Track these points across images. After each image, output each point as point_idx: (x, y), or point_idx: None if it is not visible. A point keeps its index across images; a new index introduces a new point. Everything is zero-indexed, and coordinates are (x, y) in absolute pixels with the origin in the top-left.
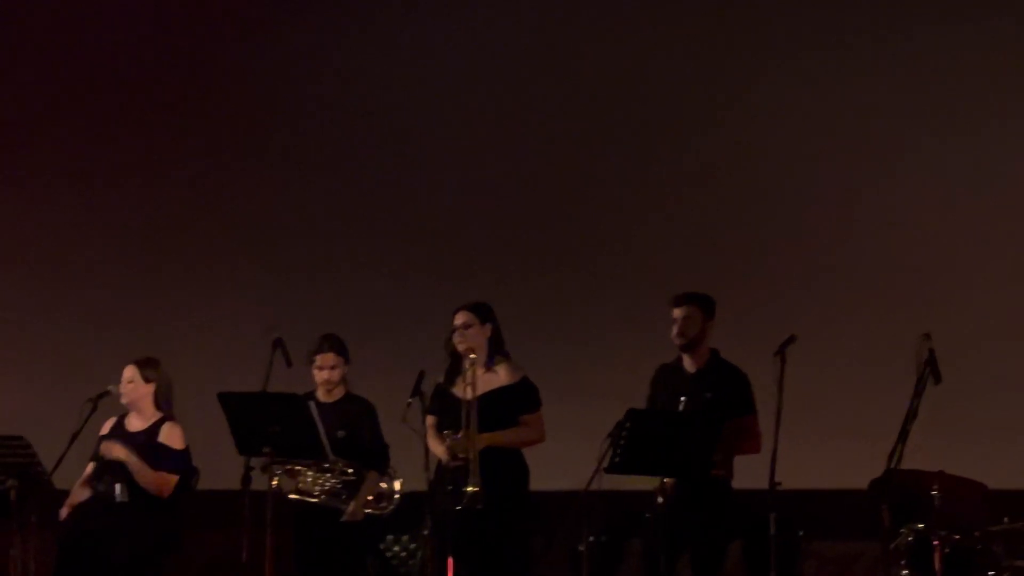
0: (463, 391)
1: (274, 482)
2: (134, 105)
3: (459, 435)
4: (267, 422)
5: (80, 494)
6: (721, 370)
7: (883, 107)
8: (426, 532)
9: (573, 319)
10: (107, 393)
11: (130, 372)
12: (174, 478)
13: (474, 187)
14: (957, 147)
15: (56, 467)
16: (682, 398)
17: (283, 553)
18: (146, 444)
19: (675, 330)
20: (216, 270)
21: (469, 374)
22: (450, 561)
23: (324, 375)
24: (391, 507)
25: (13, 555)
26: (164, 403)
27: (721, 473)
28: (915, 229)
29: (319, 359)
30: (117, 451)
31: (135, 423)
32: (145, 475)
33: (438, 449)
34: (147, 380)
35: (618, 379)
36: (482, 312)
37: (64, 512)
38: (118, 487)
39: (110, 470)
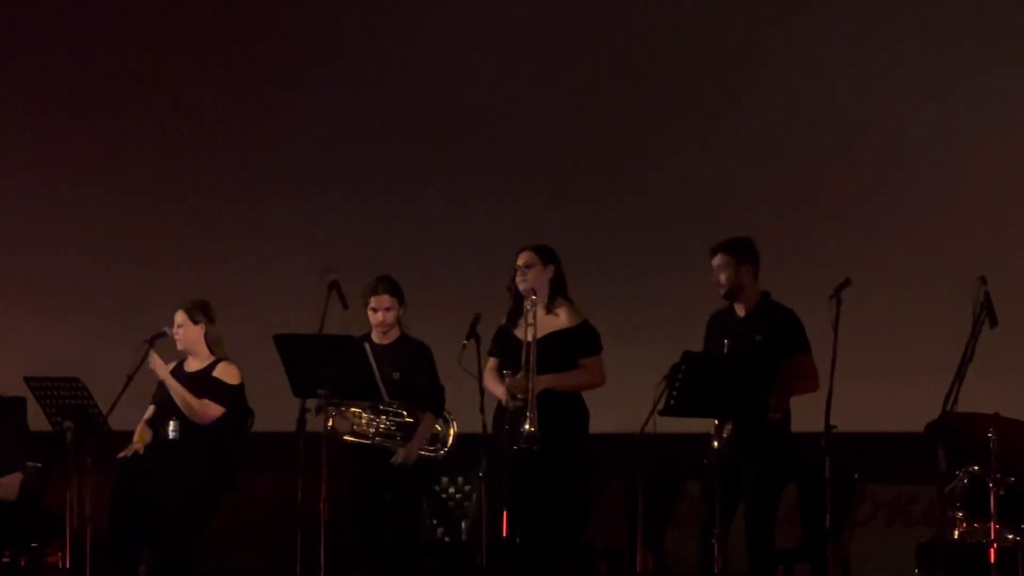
0: (524, 332)
1: (329, 424)
2: (186, 46)
3: (519, 376)
4: (322, 364)
5: (141, 436)
6: (771, 312)
7: (937, 37)
8: (481, 474)
9: (629, 261)
10: (163, 334)
11: (180, 317)
12: (218, 408)
13: (530, 128)
14: (1017, 78)
15: (112, 409)
16: (725, 341)
17: (338, 495)
18: (203, 384)
19: (713, 280)
20: (272, 212)
21: (530, 315)
22: (506, 502)
23: (379, 317)
24: (446, 449)
25: (69, 497)
26: (216, 345)
27: (777, 416)
28: (972, 169)
29: (374, 301)
30: (159, 369)
31: (192, 365)
32: (185, 398)
33: (497, 390)
34: (195, 323)
35: (674, 322)
36: (545, 253)
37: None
38: (171, 424)
39: (168, 410)
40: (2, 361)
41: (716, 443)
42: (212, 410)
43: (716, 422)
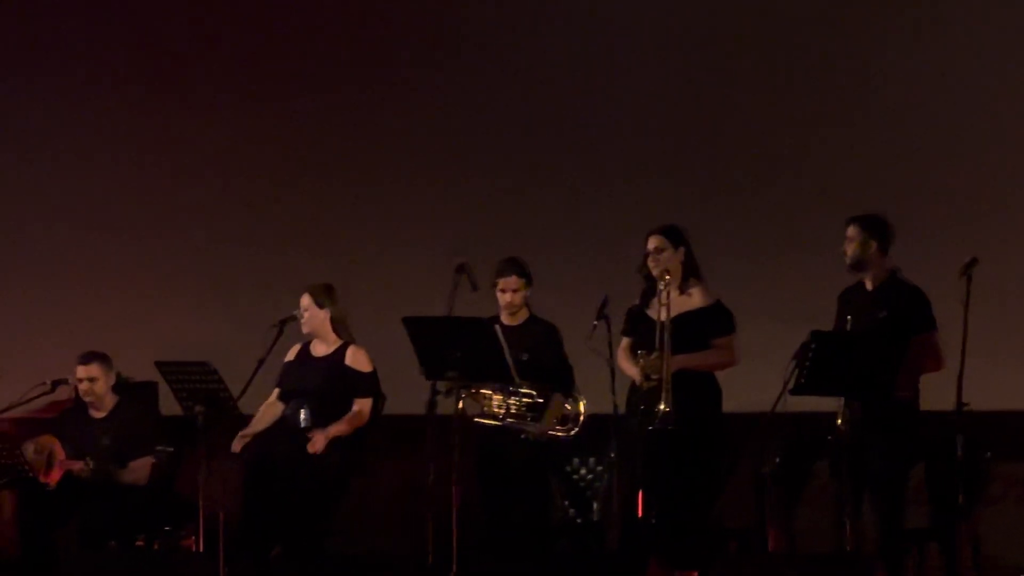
0: (657, 313)
1: (459, 406)
2: (315, 30)
3: (653, 356)
4: (452, 346)
5: (261, 418)
6: (898, 288)
7: None
8: (612, 454)
9: (761, 240)
10: (292, 318)
11: (305, 300)
12: (367, 403)
13: (658, 109)
14: None
15: (243, 393)
16: (848, 317)
17: (469, 477)
18: (333, 369)
19: (842, 250)
20: (402, 196)
21: (664, 295)
22: (641, 483)
23: (507, 298)
24: (576, 429)
25: (201, 480)
26: (342, 328)
27: (906, 394)
28: None
29: (502, 282)
30: (319, 444)
31: (319, 348)
32: (344, 428)
33: (631, 370)
34: (320, 307)
35: (806, 300)
36: (674, 236)
37: (237, 445)
38: (303, 413)
39: (296, 396)
40: (133, 346)
41: (841, 421)
42: (364, 409)
43: (842, 400)
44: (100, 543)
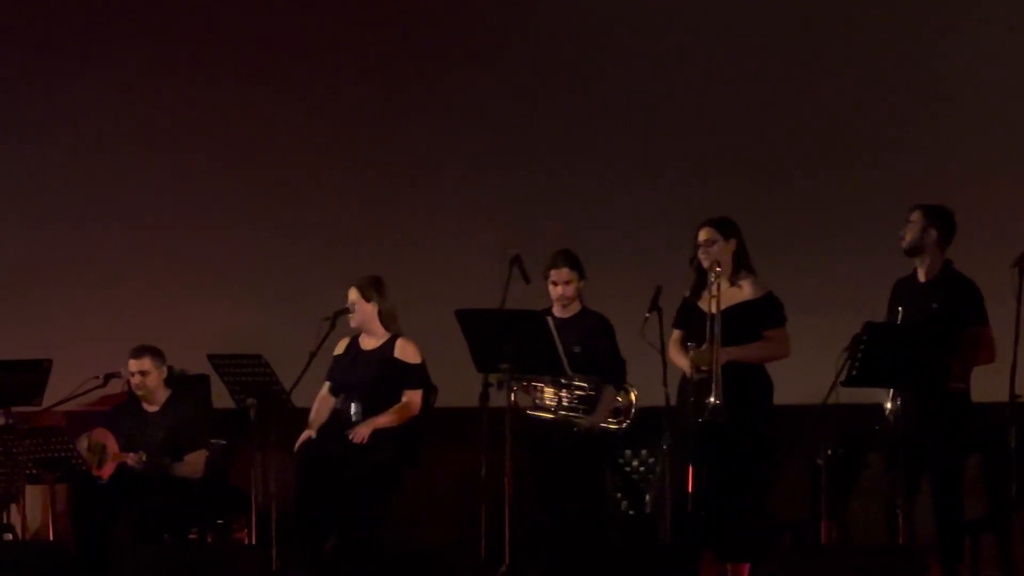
0: (708, 305)
1: (512, 398)
2: (371, 20)
3: (703, 348)
4: (505, 339)
5: (318, 415)
6: (950, 281)
7: None
8: (665, 447)
9: (811, 231)
10: (345, 311)
11: (353, 295)
12: (417, 394)
13: (710, 101)
14: None
15: (295, 386)
16: (900, 308)
17: (521, 469)
18: (382, 362)
19: (900, 234)
20: (454, 188)
21: (714, 287)
22: (691, 474)
23: (559, 290)
24: (628, 422)
25: (254, 473)
26: (390, 321)
27: (960, 386)
28: None
29: (554, 274)
30: (361, 434)
31: (368, 342)
32: (385, 421)
33: (681, 362)
34: (368, 300)
35: (859, 292)
36: (725, 228)
37: (300, 441)
38: (354, 407)
39: (346, 389)
40: (186, 339)
41: (889, 411)
42: (413, 402)
43: (891, 392)
44: (153, 536)
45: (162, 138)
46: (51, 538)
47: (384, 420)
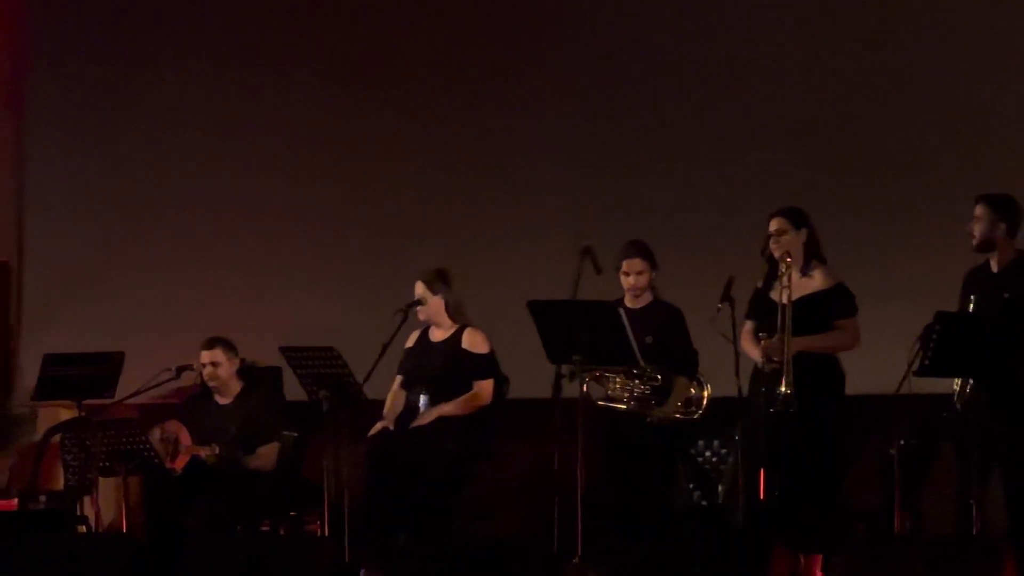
0: (779, 295)
1: (584, 389)
2: (443, 12)
3: (774, 339)
4: (577, 330)
5: (392, 408)
6: (1022, 271)
7: None
8: (737, 437)
9: (883, 220)
10: (417, 304)
11: (419, 289)
12: (486, 384)
13: (782, 90)
14: None
15: (367, 378)
16: (971, 297)
17: (594, 461)
18: (450, 353)
19: (968, 230)
20: (525, 179)
21: (785, 278)
22: (764, 465)
23: (631, 281)
24: (700, 412)
25: (326, 466)
26: (458, 312)
27: None
28: None
29: (626, 265)
30: (426, 418)
31: (436, 334)
32: (456, 408)
33: (753, 352)
34: (435, 293)
35: (930, 281)
36: (797, 217)
37: (375, 429)
38: (423, 399)
39: (416, 382)
40: (257, 332)
41: (957, 400)
42: (482, 391)
43: (959, 381)
44: (226, 528)
45: (236, 129)
46: (124, 530)
47: (450, 408)
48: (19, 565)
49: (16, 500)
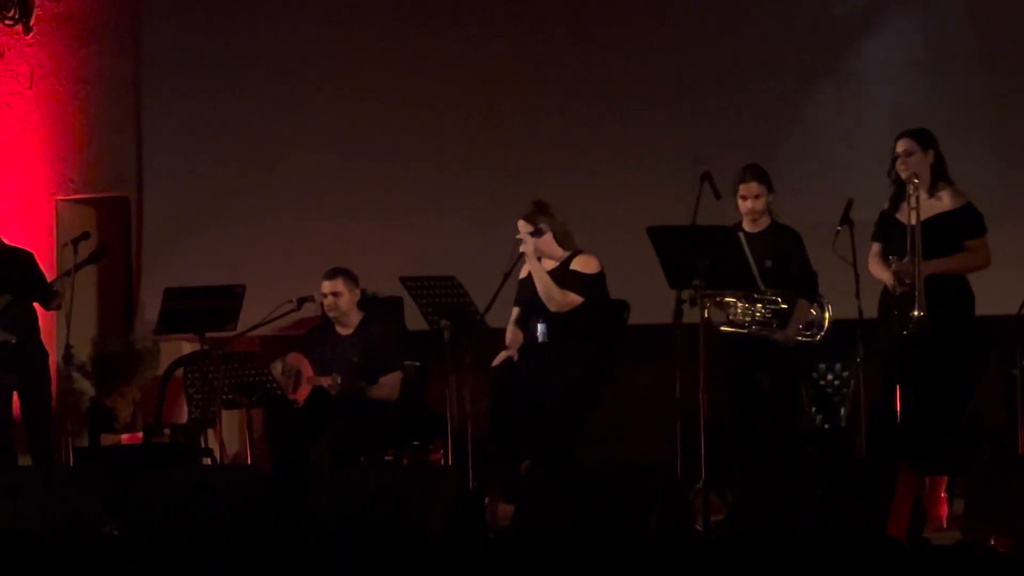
0: (907, 217)
1: (705, 314)
2: None
3: (904, 261)
4: (697, 255)
5: (515, 338)
6: None
7: None
8: (859, 359)
9: (1009, 142)
10: (539, 232)
11: (523, 227)
12: (576, 298)
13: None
14: None
15: (489, 307)
16: None
17: (715, 385)
18: (562, 279)
19: None
20: (643, 107)
21: (912, 200)
22: (897, 386)
23: (748, 204)
24: (822, 334)
25: (449, 394)
26: (567, 240)
27: None
28: None
29: (743, 189)
30: (530, 255)
31: (548, 264)
32: (548, 286)
33: (883, 275)
34: (536, 225)
35: None
36: (924, 138)
37: (500, 359)
38: (540, 327)
39: (533, 311)
40: (378, 262)
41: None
42: (571, 298)
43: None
44: (350, 458)
45: (356, 72)
46: (248, 462)
47: (545, 282)
48: (146, 498)
49: (141, 434)
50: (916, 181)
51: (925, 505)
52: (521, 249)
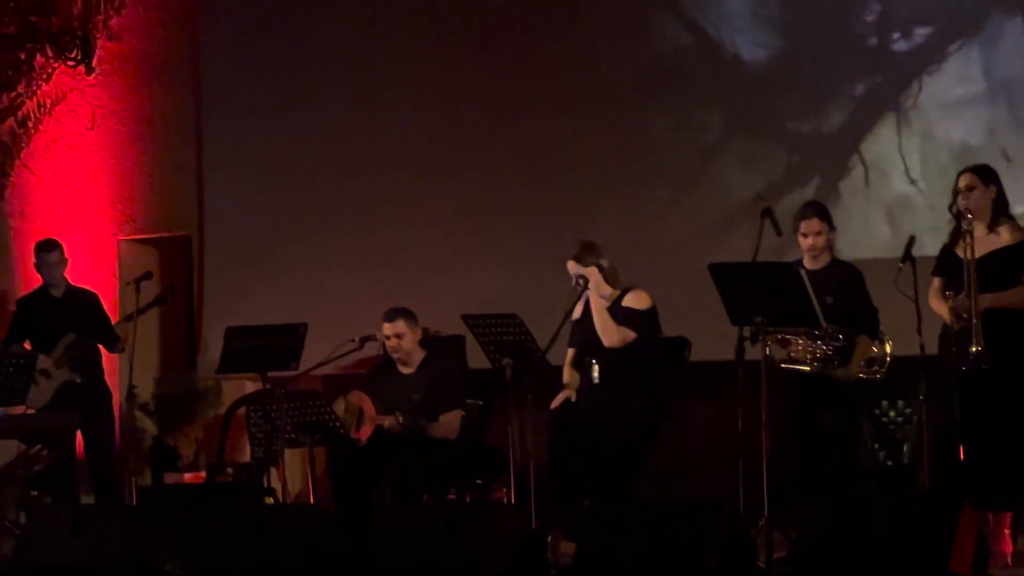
0: (964, 252)
1: (767, 351)
2: None
3: (961, 296)
4: (759, 291)
5: (572, 379)
6: None
7: None
8: (921, 396)
9: None
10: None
11: (572, 267)
12: (631, 333)
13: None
14: None
15: (550, 345)
16: None
17: (778, 422)
18: (615, 318)
19: None
20: (706, 140)
21: (968, 235)
22: (959, 424)
23: (809, 241)
24: (883, 371)
25: (511, 433)
26: (615, 279)
27: None
28: None
29: (803, 226)
30: (593, 289)
31: (600, 303)
32: (604, 319)
33: (942, 310)
34: (587, 266)
35: None
36: (985, 174)
37: (558, 400)
38: (595, 369)
39: (586, 352)
40: (440, 301)
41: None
42: (626, 333)
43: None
44: (413, 497)
45: (414, 97)
46: (311, 501)
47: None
48: (208, 537)
49: (204, 473)
50: (970, 216)
51: (989, 542)
52: (590, 277)
